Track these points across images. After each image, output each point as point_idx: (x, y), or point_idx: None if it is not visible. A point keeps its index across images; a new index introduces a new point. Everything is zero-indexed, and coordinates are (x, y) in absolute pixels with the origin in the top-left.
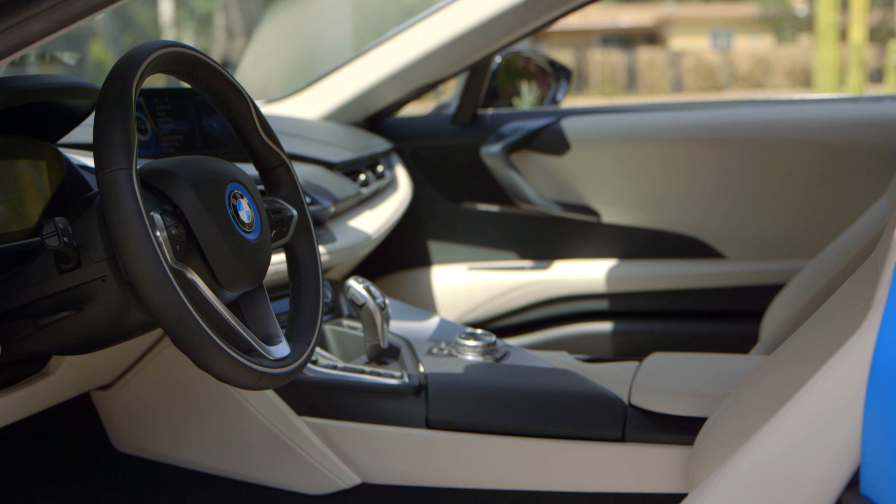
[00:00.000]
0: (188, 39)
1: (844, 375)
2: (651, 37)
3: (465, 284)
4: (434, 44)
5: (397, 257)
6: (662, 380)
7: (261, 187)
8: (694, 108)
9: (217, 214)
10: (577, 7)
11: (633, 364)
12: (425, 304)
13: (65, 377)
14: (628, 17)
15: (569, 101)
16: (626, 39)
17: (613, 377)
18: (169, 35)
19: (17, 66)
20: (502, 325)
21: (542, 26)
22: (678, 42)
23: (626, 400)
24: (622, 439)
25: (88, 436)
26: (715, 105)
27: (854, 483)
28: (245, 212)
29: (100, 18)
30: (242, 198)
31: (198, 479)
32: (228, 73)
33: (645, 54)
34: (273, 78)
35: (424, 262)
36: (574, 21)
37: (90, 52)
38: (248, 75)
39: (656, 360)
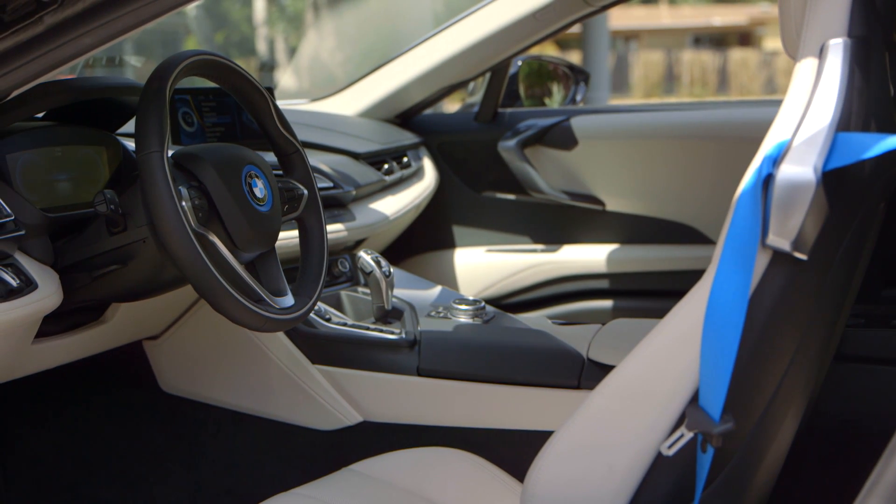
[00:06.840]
0: (279, 37)
1: (687, 313)
2: (744, 37)
3: (483, 264)
4: (456, 49)
5: (425, 240)
6: (617, 339)
7: (279, 172)
8: (692, 108)
9: (234, 189)
10: (582, 18)
11: (596, 326)
12: (448, 282)
13: (118, 325)
14: (721, 17)
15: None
16: (718, 39)
17: (577, 336)
18: (261, 33)
19: (116, 66)
20: (515, 301)
21: (552, 34)
22: (772, 42)
23: (584, 355)
24: (578, 386)
25: (141, 379)
26: (712, 105)
27: (695, 399)
28: (259, 189)
29: (193, 17)
30: (258, 178)
31: (229, 415)
32: (249, 74)
33: (737, 54)
34: (361, 72)
35: (448, 244)
36: (666, 20)
37: (185, 48)
38: (336, 73)
39: (617, 324)
